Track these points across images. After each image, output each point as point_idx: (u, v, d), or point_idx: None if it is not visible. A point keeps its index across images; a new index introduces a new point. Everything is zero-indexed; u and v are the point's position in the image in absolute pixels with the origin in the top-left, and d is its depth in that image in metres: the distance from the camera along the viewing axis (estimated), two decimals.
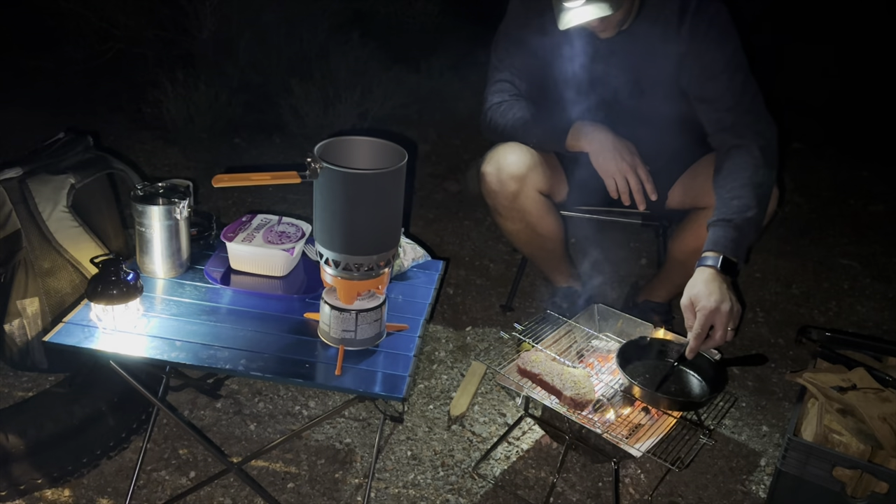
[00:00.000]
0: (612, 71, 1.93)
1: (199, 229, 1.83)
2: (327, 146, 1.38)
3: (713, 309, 1.59)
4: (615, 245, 2.92)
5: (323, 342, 1.47)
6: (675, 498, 1.75)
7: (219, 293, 1.62)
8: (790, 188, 3.41)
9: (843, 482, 1.48)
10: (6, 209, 1.86)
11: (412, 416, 1.96)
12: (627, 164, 1.86)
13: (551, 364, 1.64)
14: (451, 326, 2.37)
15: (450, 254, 2.81)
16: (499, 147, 2.01)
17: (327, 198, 1.33)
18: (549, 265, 2.28)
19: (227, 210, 2.99)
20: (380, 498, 1.70)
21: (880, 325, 2.53)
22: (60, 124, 2.23)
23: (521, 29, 1.98)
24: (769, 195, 1.78)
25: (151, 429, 1.69)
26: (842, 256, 2.95)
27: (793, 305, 2.61)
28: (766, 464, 1.87)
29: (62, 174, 1.94)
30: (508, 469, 1.80)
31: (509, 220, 2.07)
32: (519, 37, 1.99)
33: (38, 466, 1.60)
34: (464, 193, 3.30)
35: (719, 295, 1.60)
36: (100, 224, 2.06)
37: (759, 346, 2.36)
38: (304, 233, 1.72)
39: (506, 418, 1.97)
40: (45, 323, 1.89)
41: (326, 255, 1.38)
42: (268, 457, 1.77)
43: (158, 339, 1.44)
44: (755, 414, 2.04)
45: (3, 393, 1.91)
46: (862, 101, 4.25)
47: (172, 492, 1.67)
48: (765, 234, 1.80)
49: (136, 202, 1.60)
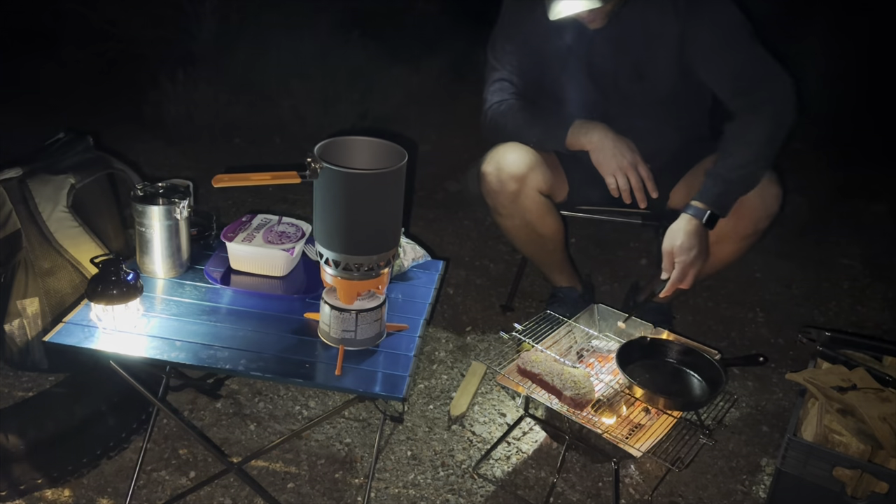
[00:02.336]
0: (609, 58, 1.92)
1: (199, 229, 1.83)
2: (327, 146, 1.38)
3: (691, 262, 1.77)
4: (615, 245, 2.92)
5: (323, 342, 1.47)
6: (675, 498, 1.75)
7: (219, 293, 1.62)
8: (790, 188, 3.41)
9: (843, 482, 1.48)
10: (6, 209, 1.86)
11: (412, 416, 1.96)
12: (628, 161, 1.87)
13: (551, 364, 1.64)
14: (451, 326, 2.37)
15: (450, 254, 2.81)
16: (499, 147, 2.01)
17: (327, 198, 1.33)
18: (549, 265, 2.28)
19: (227, 210, 2.99)
20: (380, 498, 1.70)
21: (880, 325, 2.53)
22: (60, 124, 2.23)
23: (516, 25, 1.98)
24: (774, 149, 1.85)
25: (151, 429, 1.69)
26: (842, 256, 2.95)
27: (793, 305, 2.61)
28: (766, 464, 1.87)
29: (62, 174, 1.94)
30: (508, 469, 1.80)
31: (509, 220, 2.07)
32: (514, 33, 1.99)
33: (38, 466, 1.60)
34: (464, 193, 3.30)
35: (699, 250, 1.78)
36: (100, 224, 2.06)
37: (759, 346, 2.36)
38: (304, 233, 1.72)
39: (506, 418, 1.97)
40: (45, 323, 1.89)
41: (326, 255, 1.38)
42: (268, 457, 1.77)
43: (158, 339, 1.44)
44: (755, 414, 2.04)
45: (3, 393, 1.91)
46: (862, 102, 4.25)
47: (172, 492, 1.67)
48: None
49: (136, 202, 1.60)
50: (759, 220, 1.87)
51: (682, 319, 2.43)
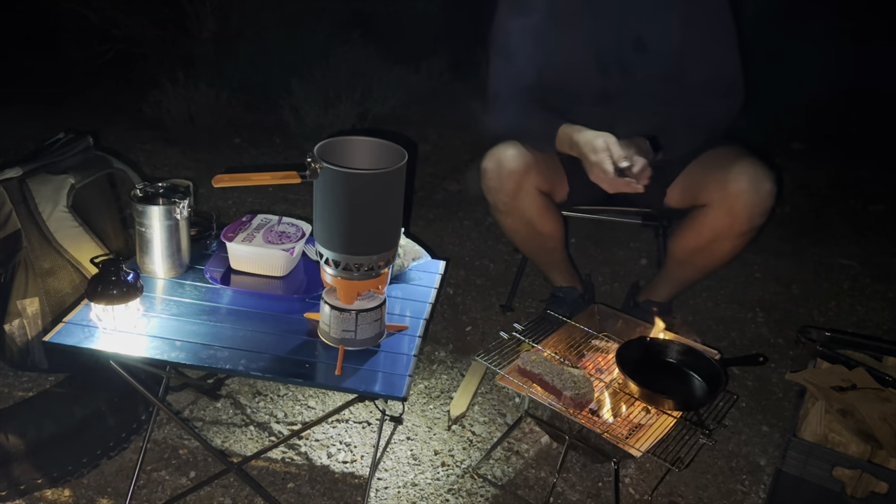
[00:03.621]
0: (611, 28, 1.93)
1: (199, 229, 1.83)
2: (327, 146, 1.38)
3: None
4: (615, 245, 2.92)
5: (323, 342, 1.47)
6: (675, 498, 1.75)
7: (219, 293, 1.62)
8: (790, 188, 3.41)
9: (843, 482, 1.48)
10: (6, 209, 1.86)
11: (412, 416, 1.96)
12: (603, 155, 1.82)
13: (551, 364, 1.64)
14: (451, 326, 2.37)
15: (450, 254, 2.81)
16: (500, 145, 2.01)
17: (327, 198, 1.33)
18: (549, 264, 2.28)
19: (227, 210, 2.99)
20: (380, 498, 1.70)
21: (880, 325, 2.53)
22: (60, 124, 2.23)
23: (514, 12, 1.98)
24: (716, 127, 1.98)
25: (151, 429, 1.69)
26: (842, 256, 2.95)
27: (793, 305, 2.61)
28: (766, 464, 1.87)
29: (62, 174, 1.94)
30: (508, 469, 1.80)
31: (509, 218, 2.07)
32: (513, 22, 1.99)
33: (38, 466, 1.60)
34: (464, 193, 3.30)
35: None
36: (100, 224, 2.06)
37: (759, 346, 2.36)
38: (304, 233, 1.72)
39: (506, 418, 1.97)
40: (45, 323, 1.89)
41: (326, 255, 1.38)
42: (268, 457, 1.77)
43: (158, 339, 1.44)
44: (755, 414, 2.04)
45: (3, 393, 1.91)
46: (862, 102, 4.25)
47: (172, 492, 1.67)
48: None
49: (136, 202, 1.60)
50: (754, 216, 1.87)
51: (682, 319, 2.43)
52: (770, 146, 3.46)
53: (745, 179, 1.85)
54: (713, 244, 1.93)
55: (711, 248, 1.95)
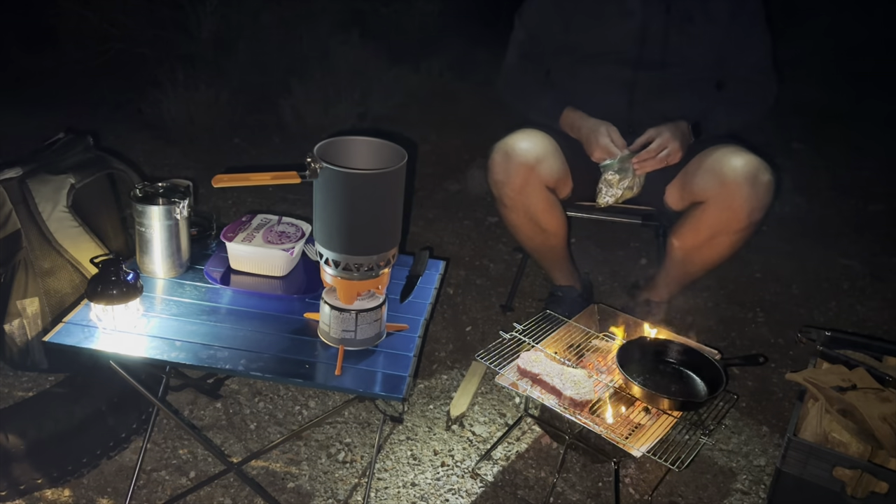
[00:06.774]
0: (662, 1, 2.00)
1: (199, 229, 1.83)
2: (327, 146, 1.38)
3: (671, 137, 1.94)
4: (615, 244, 2.92)
5: (323, 342, 1.47)
6: (675, 498, 1.75)
7: (219, 293, 1.62)
8: (790, 188, 3.41)
9: (843, 482, 1.48)
10: (6, 209, 1.86)
11: (412, 416, 1.96)
12: (597, 134, 1.96)
13: (551, 364, 1.64)
14: (451, 326, 2.37)
15: (450, 254, 2.81)
16: (507, 138, 2.02)
17: (327, 198, 1.33)
18: (550, 262, 2.28)
19: (227, 210, 2.99)
20: (380, 498, 1.70)
21: (880, 325, 2.53)
22: (60, 124, 2.23)
23: None
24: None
25: (151, 429, 1.69)
26: (842, 256, 2.95)
27: (793, 305, 2.61)
28: (766, 464, 1.87)
29: (62, 174, 1.94)
30: (508, 469, 1.80)
31: (514, 213, 2.07)
32: None
33: (38, 466, 1.60)
34: (464, 193, 3.30)
35: (682, 140, 1.96)
36: (100, 224, 2.06)
37: (759, 346, 2.36)
38: (304, 233, 1.72)
39: (506, 418, 1.97)
40: (45, 323, 1.89)
41: (326, 255, 1.38)
42: (268, 457, 1.77)
43: (158, 339, 1.44)
44: (755, 414, 2.04)
45: (3, 393, 1.91)
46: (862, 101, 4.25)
47: (172, 492, 1.67)
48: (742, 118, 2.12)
49: (136, 202, 1.60)
50: (753, 211, 1.87)
51: (682, 319, 2.43)
52: (770, 146, 3.46)
53: (742, 174, 1.86)
54: (712, 240, 1.94)
55: (711, 244, 1.95)
